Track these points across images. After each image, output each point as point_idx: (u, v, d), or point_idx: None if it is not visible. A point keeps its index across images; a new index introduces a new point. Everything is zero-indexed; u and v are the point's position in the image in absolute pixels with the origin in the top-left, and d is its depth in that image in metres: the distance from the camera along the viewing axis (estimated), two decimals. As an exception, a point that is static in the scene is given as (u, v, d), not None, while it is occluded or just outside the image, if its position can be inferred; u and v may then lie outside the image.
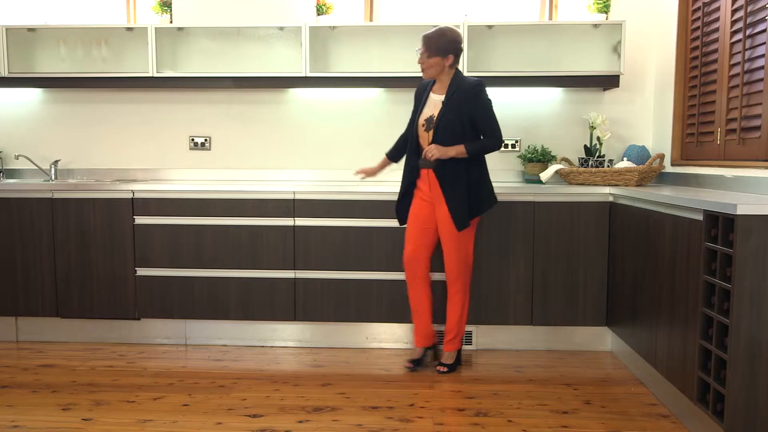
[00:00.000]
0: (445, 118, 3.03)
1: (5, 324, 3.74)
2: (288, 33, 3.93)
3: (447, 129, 3.02)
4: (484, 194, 3.13)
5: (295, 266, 3.53)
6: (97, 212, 3.57)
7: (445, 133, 3.03)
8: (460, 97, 3.03)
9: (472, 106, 3.03)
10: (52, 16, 4.25)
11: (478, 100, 3.03)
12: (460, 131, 3.02)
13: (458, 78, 3.08)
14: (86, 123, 4.17)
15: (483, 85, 3.06)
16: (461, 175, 3.04)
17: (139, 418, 2.62)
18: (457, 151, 3.00)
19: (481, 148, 3.05)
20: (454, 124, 3.02)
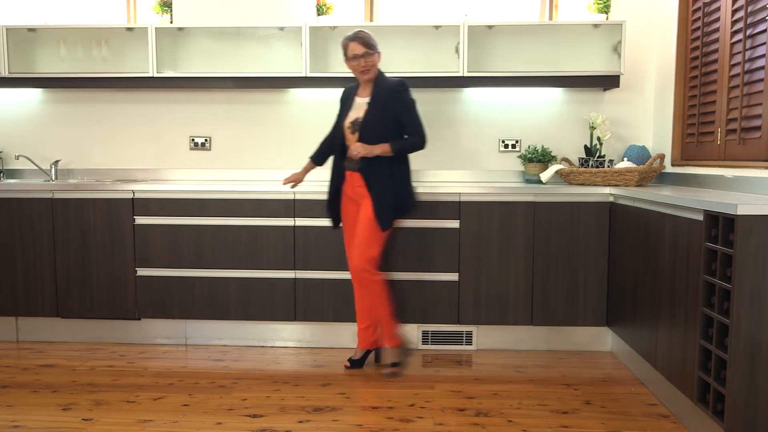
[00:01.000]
0: (369, 120, 3.06)
1: (5, 324, 3.74)
2: (288, 33, 3.93)
3: (372, 130, 3.05)
4: (409, 196, 3.16)
5: (295, 266, 3.53)
6: (98, 212, 3.57)
7: (370, 134, 3.05)
8: (384, 97, 3.06)
9: (396, 106, 3.06)
10: (53, 16, 4.25)
11: (401, 100, 3.06)
12: (385, 131, 3.05)
13: (381, 79, 3.12)
14: (86, 123, 4.17)
15: (406, 84, 3.09)
16: (387, 176, 3.07)
17: (139, 418, 2.62)
18: (382, 150, 3.02)
19: (406, 146, 3.08)
20: (378, 125, 3.05)
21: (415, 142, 3.08)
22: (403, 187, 3.12)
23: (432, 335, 3.59)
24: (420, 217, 3.46)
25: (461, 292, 3.50)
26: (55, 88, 4.09)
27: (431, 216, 3.47)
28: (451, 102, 4.01)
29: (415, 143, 3.08)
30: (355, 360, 3.30)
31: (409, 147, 3.09)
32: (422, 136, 3.08)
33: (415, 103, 3.11)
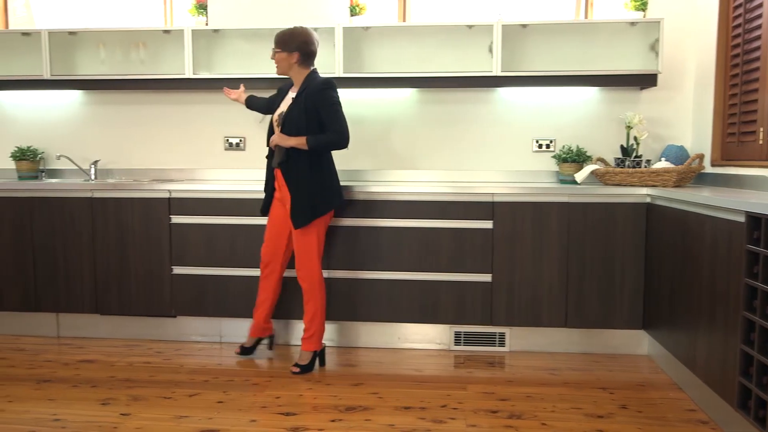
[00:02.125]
0: (291, 114, 3.12)
1: (47, 320, 3.84)
2: (321, 34, 3.95)
3: (293, 124, 3.10)
4: (329, 194, 3.19)
5: (328, 266, 3.55)
6: (135, 211, 3.64)
7: (291, 127, 3.11)
8: (308, 94, 3.11)
9: (317, 104, 3.09)
10: (93, 19, 4.34)
11: (323, 98, 3.09)
12: (305, 127, 3.09)
13: (311, 77, 3.16)
14: (124, 124, 4.25)
15: (331, 83, 3.13)
16: (305, 173, 3.11)
17: (175, 414, 2.67)
18: (298, 142, 3.08)
19: (323, 141, 3.09)
20: (299, 120, 3.10)
21: (333, 139, 3.10)
22: (321, 185, 3.15)
23: (464, 336, 3.58)
24: (453, 217, 3.45)
25: (494, 293, 3.48)
26: (95, 90, 4.18)
27: (464, 216, 3.46)
28: (484, 102, 3.99)
29: (333, 139, 3.10)
30: (247, 348, 3.44)
31: (325, 142, 3.10)
32: (341, 133, 3.09)
33: (338, 101, 3.13)
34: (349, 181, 3.89)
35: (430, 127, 4.04)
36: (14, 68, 4.20)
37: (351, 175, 4.08)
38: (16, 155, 4.15)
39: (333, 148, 3.14)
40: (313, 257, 3.18)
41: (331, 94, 3.11)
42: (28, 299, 3.76)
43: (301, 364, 3.22)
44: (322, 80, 3.13)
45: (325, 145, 3.11)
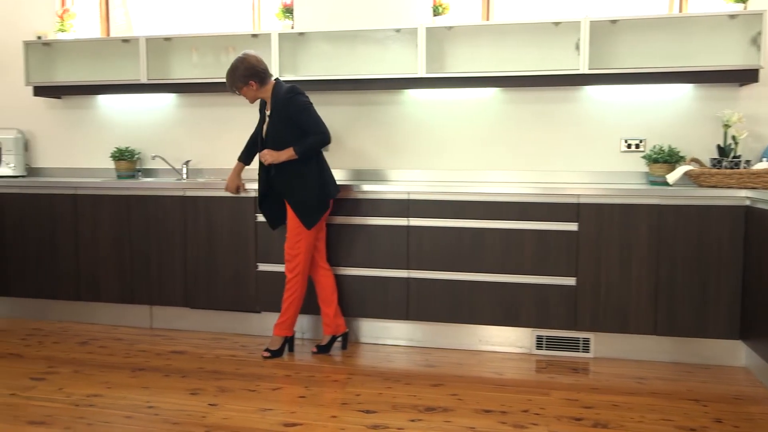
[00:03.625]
0: (271, 131, 3.32)
1: (141, 312, 4.05)
2: (404, 34, 3.97)
3: (277, 140, 3.30)
4: (325, 189, 3.35)
5: (408, 266, 3.56)
6: (223, 210, 3.78)
7: (276, 144, 3.31)
8: (279, 106, 3.28)
9: (289, 112, 3.26)
10: (186, 25, 4.54)
11: (292, 105, 3.25)
12: (289, 138, 3.27)
13: (276, 90, 3.31)
14: (214, 125, 4.42)
15: (295, 88, 3.28)
16: (295, 180, 3.31)
17: (259, 407, 2.75)
18: (288, 155, 3.26)
19: (309, 145, 3.26)
20: (280, 134, 3.29)
21: (317, 140, 3.27)
22: (311, 185, 3.31)
23: (546, 340, 3.50)
24: (536, 218, 3.38)
25: (579, 297, 3.38)
26: (187, 93, 4.37)
27: (548, 218, 3.38)
28: (570, 101, 3.89)
29: (317, 141, 3.27)
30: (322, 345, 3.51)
31: (311, 145, 3.27)
32: (322, 132, 3.27)
33: (308, 103, 3.28)
34: (430, 182, 3.88)
35: (513, 127, 3.97)
36: (114, 73, 4.45)
37: (432, 175, 4.07)
38: (115, 155, 4.40)
39: (319, 148, 3.32)
40: (303, 251, 3.36)
41: (300, 99, 3.27)
42: (125, 292, 3.97)
43: (272, 349, 3.44)
44: (286, 88, 3.29)
45: (312, 148, 3.29)
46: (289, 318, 3.45)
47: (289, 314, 3.44)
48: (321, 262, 3.52)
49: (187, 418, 2.62)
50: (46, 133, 4.73)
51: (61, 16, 4.46)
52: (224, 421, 2.59)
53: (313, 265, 3.50)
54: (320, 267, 3.51)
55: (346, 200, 3.61)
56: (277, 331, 3.46)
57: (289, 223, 3.39)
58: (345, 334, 3.57)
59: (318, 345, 3.52)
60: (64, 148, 4.70)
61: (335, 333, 3.53)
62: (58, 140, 4.71)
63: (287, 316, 3.44)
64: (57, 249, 4.07)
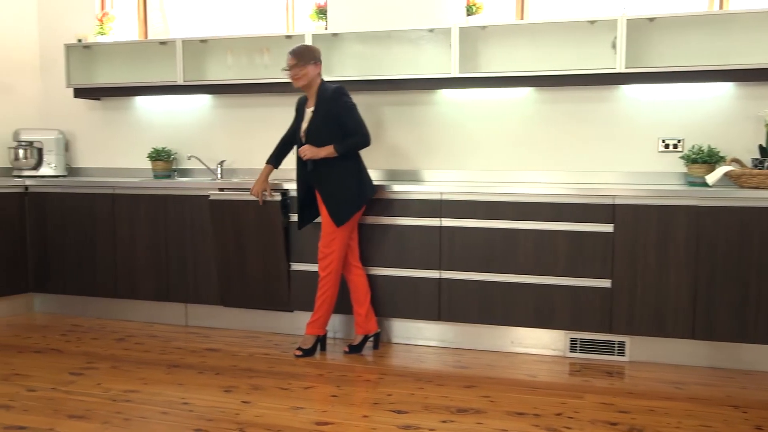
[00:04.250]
0: (314, 128, 3.36)
1: (177, 309, 4.11)
2: (438, 34, 3.96)
3: (318, 137, 3.34)
4: (361, 188, 3.40)
5: (440, 266, 3.55)
6: (256, 209, 3.81)
7: (316, 140, 3.34)
8: (325, 105, 3.34)
9: (335, 111, 3.33)
10: (222, 27, 4.60)
11: (339, 105, 3.33)
12: (330, 136, 3.32)
13: (322, 88, 3.38)
14: (248, 126, 4.47)
15: (342, 90, 3.36)
16: (336, 176, 3.35)
17: (292, 405, 2.77)
18: (327, 152, 3.31)
19: (350, 145, 3.34)
20: (322, 131, 3.33)
21: (358, 141, 3.35)
22: (349, 184, 3.37)
23: (581, 343, 3.45)
24: (570, 219, 3.34)
25: (614, 299, 3.33)
26: (222, 94, 4.43)
27: (582, 219, 3.33)
28: (606, 100, 3.82)
29: (358, 142, 3.35)
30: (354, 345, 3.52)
31: (352, 146, 3.35)
32: (364, 135, 3.35)
33: (353, 105, 3.36)
34: (463, 182, 3.86)
35: (547, 127, 3.92)
36: (152, 75, 4.53)
37: (464, 175, 4.05)
38: (152, 155, 4.48)
39: (358, 149, 3.39)
40: (336, 250, 3.39)
41: (346, 100, 3.35)
42: (161, 289, 4.04)
43: (304, 347, 3.45)
44: (333, 88, 3.36)
45: (352, 148, 3.36)
46: (321, 317, 3.47)
47: (321, 313, 3.46)
48: (354, 262, 3.53)
49: (220, 415, 2.65)
50: (86, 133, 4.84)
51: (101, 20, 4.56)
52: (257, 419, 2.62)
53: (346, 264, 3.52)
54: (353, 266, 3.53)
55: (378, 200, 3.61)
56: (309, 330, 3.48)
57: (324, 221, 3.41)
58: (377, 334, 3.58)
59: (350, 345, 3.54)
60: (103, 148, 4.80)
61: (367, 333, 3.54)
62: (98, 141, 4.81)
63: (319, 314, 3.46)
64: (95, 247, 4.17)
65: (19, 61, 4.80)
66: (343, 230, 3.39)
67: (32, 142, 4.59)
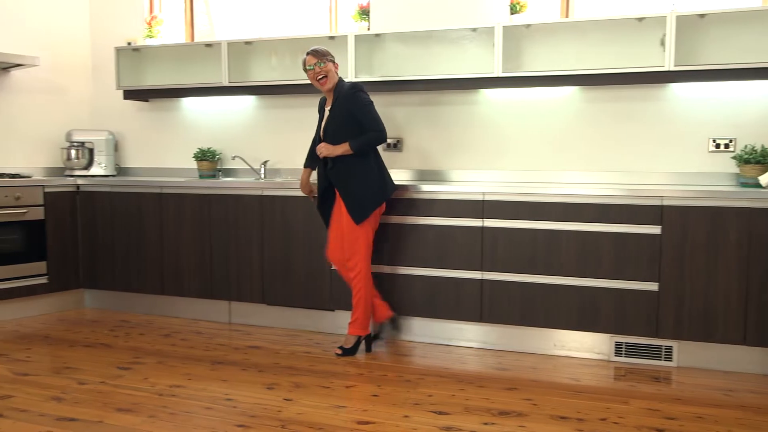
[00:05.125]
0: (331, 126, 3.40)
1: (220, 307, 4.19)
2: (480, 34, 3.93)
3: (336, 135, 3.37)
4: (379, 187, 3.41)
5: (482, 267, 3.52)
6: (299, 209, 3.86)
7: (334, 138, 3.37)
8: (341, 103, 3.37)
9: (352, 108, 3.34)
10: (266, 29, 4.67)
11: (355, 101, 3.34)
12: (346, 133, 3.34)
13: (339, 86, 3.41)
14: (291, 126, 4.52)
15: (358, 86, 3.39)
16: (353, 173, 3.37)
17: (333, 404, 2.78)
18: (343, 149, 3.34)
19: (365, 141, 3.34)
20: (340, 129, 3.36)
21: (374, 137, 3.35)
22: (369, 180, 3.38)
23: (626, 347, 3.38)
24: (615, 221, 3.28)
25: (661, 303, 3.25)
26: (266, 95, 4.49)
27: (628, 221, 3.26)
28: (654, 99, 3.74)
29: (374, 138, 3.35)
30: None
31: (367, 142, 3.35)
32: (380, 131, 3.35)
33: (369, 101, 3.37)
34: (506, 182, 3.83)
35: (593, 126, 3.86)
36: (198, 77, 4.62)
37: (507, 175, 4.01)
38: (197, 156, 4.57)
39: (375, 145, 3.40)
40: (362, 249, 3.40)
41: (362, 96, 3.37)
42: (206, 287, 4.12)
43: (345, 347, 3.46)
44: (350, 85, 3.39)
45: (367, 145, 3.36)
46: (359, 317, 3.47)
47: (358, 313, 3.47)
48: None
49: (263, 412, 2.69)
50: (134, 134, 4.97)
51: (150, 23, 4.68)
52: (299, 416, 2.64)
53: None
54: None
55: (419, 200, 3.61)
56: (351, 330, 3.50)
57: (345, 221, 3.42)
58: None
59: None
60: (151, 148, 4.92)
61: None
62: (145, 141, 4.94)
63: (357, 315, 3.47)
64: (143, 245, 4.27)
65: (72, 64, 4.96)
66: (364, 228, 3.40)
67: (84, 142, 4.73)
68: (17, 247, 4.16)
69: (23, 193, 4.18)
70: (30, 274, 4.23)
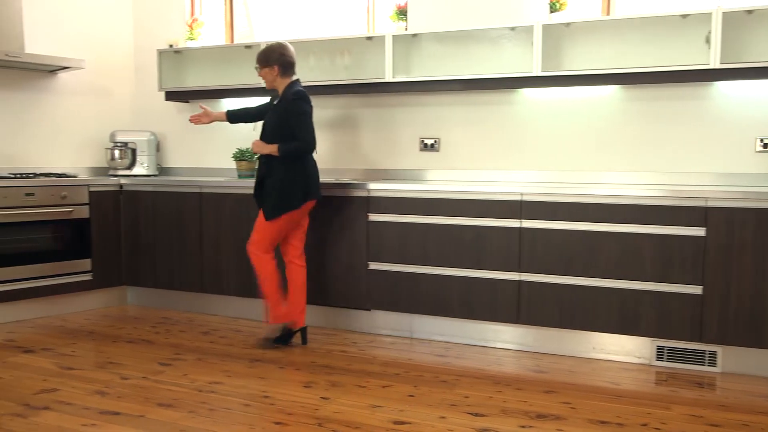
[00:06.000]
0: (268, 123, 3.54)
1: (259, 305, 4.23)
2: (519, 33, 3.89)
3: (270, 132, 3.51)
4: (298, 193, 3.48)
5: (519, 268, 3.49)
6: (337, 209, 3.87)
7: (268, 135, 3.52)
8: (282, 105, 3.48)
9: (288, 114, 3.44)
10: (304, 30, 4.70)
11: (292, 109, 3.44)
12: (280, 134, 3.46)
13: (288, 89, 3.50)
14: (327, 126, 4.54)
15: (300, 94, 3.45)
16: (275, 174, 3.48)
17: (369, 403, 2.79)
18: (270, 149, 3.46)
19: (291, 148, 3.45)
20: (274, 130, 3.49)
21: (300, 146, 3.45)
22: (286, 185, 3.47)
23: (668, 351, 3.31)
24: (657, 222, 3.21)
25: (705, 306, 3.17)
26: (304, 96, 4.52)
27: (671, 222, 3.19)
28: (699, 98, 3.65)
29: (300, 147, 3.45)
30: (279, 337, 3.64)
31: (294, 150, 3.45)
32: (307, 142, 3.45)
33: (305, 112, 3.44)
34: (544, 183, 3.78)
35: (634, 126, 3.78)
36: (237, 78, 4.69)
37: (545, 176, 3.97)
38: (236, 156, 4.63)
39: (300, 154, 3.48)
40: (265, 239, 3.53)
41: (299, 105, 3.44)
42: (244, 286, 4.17)
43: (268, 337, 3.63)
44: (294, 91, 3.47)
45: (293, 152, 3.46)
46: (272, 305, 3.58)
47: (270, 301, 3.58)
48: (295, 260, 3.64)
49: (300, 410, 2.71)
50: (176, 135, 5.07)
51: (191, 26, 4.76)
52: (336, 415, 2.65)
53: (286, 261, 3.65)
54: (293, 264, 3.64)
55: (456, 201, 3.59)
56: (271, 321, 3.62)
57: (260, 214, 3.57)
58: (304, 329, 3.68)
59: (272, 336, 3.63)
60: (191, 149, 5.01)
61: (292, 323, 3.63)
62: (186, 142, 5.03)
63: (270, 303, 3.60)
64: (184, 243, 4.35)
65: (116, 66, 5.08)
66: (271, 224, 3.50)
67: (127, 143, 4.84)
68: (63, 245, 4.28)
69: (69, 192, 4.30)
70: (75, 271, 4.35)
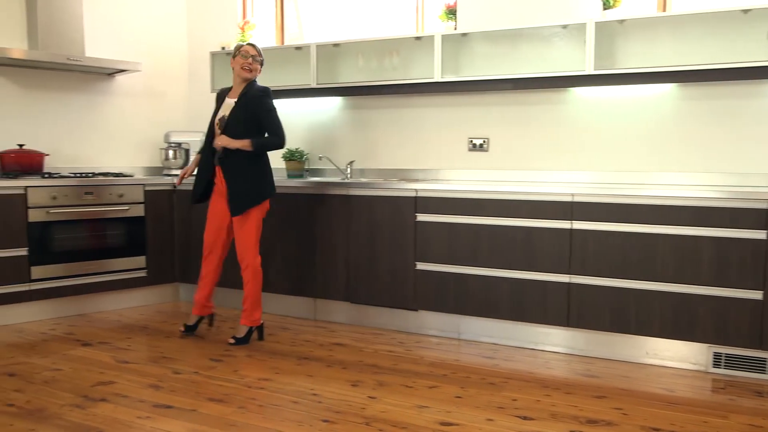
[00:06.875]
0: (233, 118, 3.52)
1: (306, 304, 4.28)
2: (571, 31, 3.82)
3: (235, 127, 3.50)
4: (264, 186, 3.58)
5: (570, 270, 3.43)
6: (384, 209, 3.88)
7: (233, 130, 3.51)
8: (248, 100, 3.52)
9: (256, 109, 3.51)
10: (353, 31, 4.73)
11: (261, 104, 3.52)
12: (245, 129, 3.50)
13: (251, 86, 3.57)
14: (377, 127, 4.56)
15: (268, 91, 3.56)
16: (243, 168, 3.51)
17: (416, 404, 2.78)
18: (242, 144, 3.49)
19: (265, 143, 3.55)
20: (240, 123, 3.50)
21: (274, 141, 3.55)
22: (257, 178, 3.54)
23: (726, 359, 3.19)
24: (715, 225, 3.11)
25: (766, 312, 3.05)
26: (353, 96, 4.55)
27: (730, 224, 3.09)
28: (759, 96, 3.51)
29: (274, 142, 3.55)
30: (190, 326, 3.81)
31: (268, 145, 3.56)
32: (280, 137, 3.54)
33: (274, 108, 3.55)
34: (596, 184, 3.71)
35: (690, 125, 3.67)
36: (288, 79, 4.74)
37: (597, 176, 3.88)
38: (286, 156, 4.69)
39: (274, 149, 3.59)
40: (252, 246, 3.59)
41: (269, 101, 3.55)
42: (293, 284, 4.22)
43: (237, 336, 3.65)
44: (260, 88, 3.56)
45: (267, 147, 3.56)
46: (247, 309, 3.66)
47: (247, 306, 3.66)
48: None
49: (348, 408, 2.72)
50: (227, 135, 5.16)
51: (242, 28, 4.85)
52: (382, 414, 2.66)
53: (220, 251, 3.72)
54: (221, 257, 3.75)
55: (506, 201, 3.56)
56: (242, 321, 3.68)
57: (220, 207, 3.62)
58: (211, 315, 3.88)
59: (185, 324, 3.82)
60: (242, 149, 5.09)
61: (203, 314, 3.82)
62: (237, 142, 5.11)
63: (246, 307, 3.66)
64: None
65: (171, 68, 5.22)
66: (255, 222, 3.57)
67: (180, 143, 4.96)
68: (120, 242, 4.42)
69: (126, 191, 4.44)
70: (131, 267, 4.49)
